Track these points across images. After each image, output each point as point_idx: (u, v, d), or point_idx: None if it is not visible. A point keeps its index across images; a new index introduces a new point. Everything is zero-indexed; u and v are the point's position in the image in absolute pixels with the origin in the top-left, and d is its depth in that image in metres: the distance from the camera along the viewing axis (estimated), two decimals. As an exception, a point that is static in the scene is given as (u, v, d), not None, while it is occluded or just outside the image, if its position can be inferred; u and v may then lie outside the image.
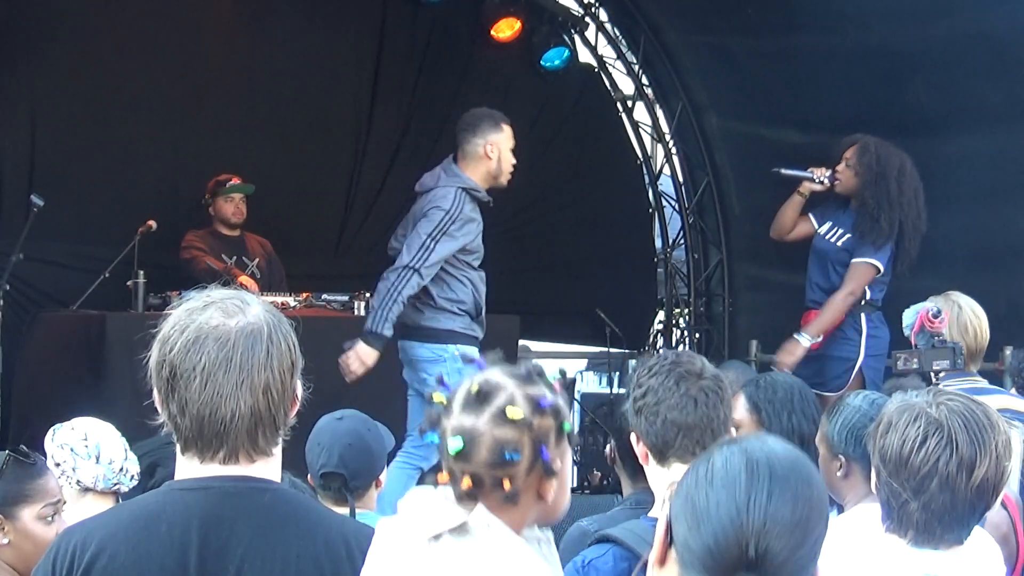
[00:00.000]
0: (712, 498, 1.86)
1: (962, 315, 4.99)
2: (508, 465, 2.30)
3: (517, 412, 2.31)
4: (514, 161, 6.60)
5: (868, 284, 6.80)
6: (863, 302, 6.81)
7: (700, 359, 3.16)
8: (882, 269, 6.78)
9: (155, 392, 2.37)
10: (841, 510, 3.50)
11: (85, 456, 3.74)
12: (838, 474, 3.55)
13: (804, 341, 6.75)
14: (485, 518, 2.29)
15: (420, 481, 5.33)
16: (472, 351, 5.22)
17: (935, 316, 4.46)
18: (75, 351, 7.67)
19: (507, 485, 2.30)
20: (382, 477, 4.31)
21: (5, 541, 3.27)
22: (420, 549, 2.29)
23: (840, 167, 6.94)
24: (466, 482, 2.30)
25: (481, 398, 2.32)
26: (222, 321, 2.33)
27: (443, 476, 2.34)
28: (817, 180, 6.97)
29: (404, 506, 2.36)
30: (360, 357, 6.38)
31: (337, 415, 4.30)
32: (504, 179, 6.59)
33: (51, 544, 2.41)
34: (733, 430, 3.17)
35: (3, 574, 3.26)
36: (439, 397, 2.37)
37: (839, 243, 6.91)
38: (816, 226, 7.05)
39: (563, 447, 2.37)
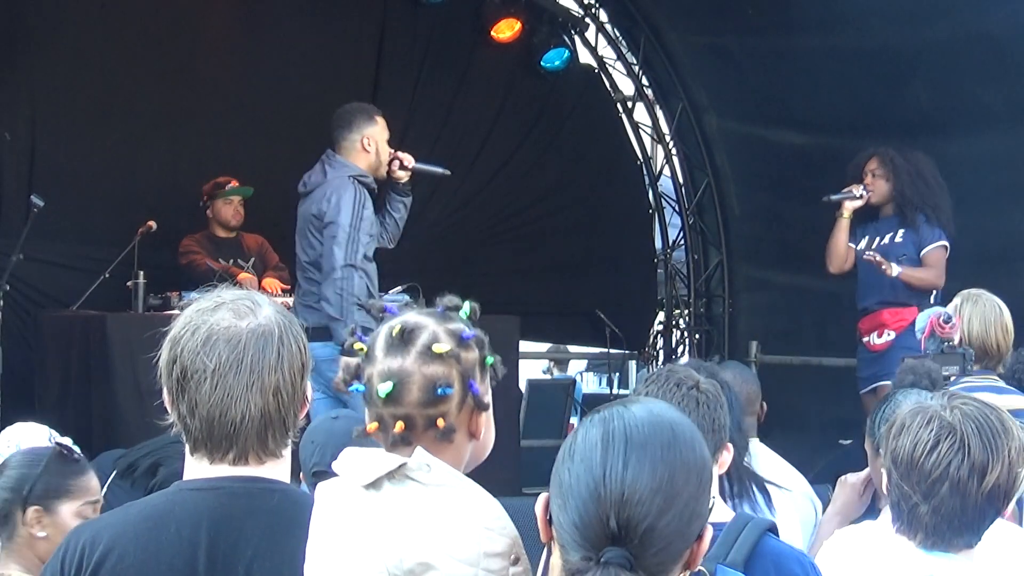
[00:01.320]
0: (573, 473, 1.81)
1: (1004, 315, 4.95)
2: (441, 401, 2.27)
3: (443, 346, 2.28)
4: (391, 151, 6.39)
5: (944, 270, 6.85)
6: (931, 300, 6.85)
7: (695, 373, 3.16)
8: (948, 248, 6.85)
9: (164, 392, 2.36)
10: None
11: None
12: (883, 470, 3.47)
13: (894, 270, 6.78)
14: (424, 458, 2.24)
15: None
16: None
17: (946, 322, 4.44)
18: (75, 351, 7.67)
19: (441, 423, 2.27)
20: None
21: (43, 535, 3.24)
22: (358, 499, 2.24)
23: (868, 180, 7.03)
24: (399, 426, 2.27)
25: (405, 338, 2.29)
26: (233, 322, 2.32)
27: (372, 426, 2.31)
28: (857, 195, 7.04)
29: (339, 465, 2.31)
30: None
31: (332, 414, 4.30)
32: (383, 171, 6.37)
33: (60, 543, 2.40)
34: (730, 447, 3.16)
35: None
36: (359, 346, 2.33)
37: (897, 239, 6.96)
38: (856, 247, 7.12)
39: (487, 383, 2.35)
